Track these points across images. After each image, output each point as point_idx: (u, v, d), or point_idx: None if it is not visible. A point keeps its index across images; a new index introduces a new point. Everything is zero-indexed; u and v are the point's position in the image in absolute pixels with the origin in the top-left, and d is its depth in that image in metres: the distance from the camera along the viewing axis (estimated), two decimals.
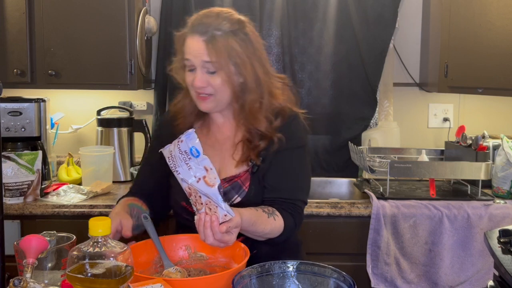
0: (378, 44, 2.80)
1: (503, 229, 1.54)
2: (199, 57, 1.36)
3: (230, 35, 1.36)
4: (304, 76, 2.84)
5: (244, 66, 1.37)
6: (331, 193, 2.78)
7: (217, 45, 1.34)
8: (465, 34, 2.49)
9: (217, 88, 1.38)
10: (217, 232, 1.17)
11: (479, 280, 2.21)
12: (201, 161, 1.18)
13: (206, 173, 1.17)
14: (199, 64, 1.37)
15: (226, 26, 1.36)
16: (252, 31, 1.42)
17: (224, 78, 1.37)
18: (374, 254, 2.22)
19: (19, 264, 1.13)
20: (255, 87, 1.40)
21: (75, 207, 2.21)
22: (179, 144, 1.19)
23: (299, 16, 2.80)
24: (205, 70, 1.37)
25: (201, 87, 1.38)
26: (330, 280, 1.07)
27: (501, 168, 2.36)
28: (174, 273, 1.24)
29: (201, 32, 1.35)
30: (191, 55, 1.37)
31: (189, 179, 1.18)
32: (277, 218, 1.39)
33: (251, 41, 1.40)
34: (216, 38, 1.34)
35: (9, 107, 2.41)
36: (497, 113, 2.91)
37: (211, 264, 1.32)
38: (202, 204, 1.19)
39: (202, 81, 1.37)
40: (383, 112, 2.89)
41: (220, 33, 1.35)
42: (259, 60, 1.42)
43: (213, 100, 1.40)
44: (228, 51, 1.35)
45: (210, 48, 1.34)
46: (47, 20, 2.46)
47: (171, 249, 1.34)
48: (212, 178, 1.17)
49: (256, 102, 1.41)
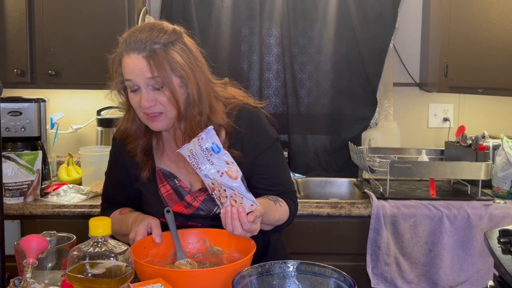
0: (378, 44, 2.80)
1: (503, 229, 1.54)
2: (141, 75, 1.28)
3: (170, 47, 1.30)
4: (304, 76, 2.84)
5: (187, 77, 1.31)
6: (331, 193, 2.79)
7: (158, 59, 1.27)
8: (465, 34, 2.49)
9: (166, 104, 1.31)
10: (246, 222, 1.21)
11: (479, 280, 2.21)
12: (222, 156, 1.22)
13: (228, 167, 1.22)
14: (142, 83, 1.29)
15: (163, 38, 1.29)
16: (189, 40, 1.37)
17: (171, 92, 1.30)
18: (374, 254, 2.22)
19: (19, 264, 1.13)
20: (197, 100, 1.34)
21: (75, 207, 2.21)
22: (199, 142, 1.22)
23: (299, 16, 2.80)
24: (150, 88, 1.30)
25: (150, 107, 1.31)
26: (330, 280, 1.07)
27: (501, 168, 2.36)
28: (185, 265, 1.27)
29: (138, 49, 1.28)
30: (132, 74, 1.29)
31: (212, 175, 1.22)
32: (282, 204, 1.43)
33: (190, 50, 1.34)
34: (156, 52, 1.28)
35: (9, 107, 2.41)
36: (497, 113, 2.91)
37: (226, 258, 1.35)
38: (227, 198, 1.23)
39: (149, 100, 1.30)
40: (383, 112, 2.89)
41: (158, 46, 1.28)
42: (201, 69, 1.36)
43: (164, 118, 1.34)
44: (170, 64, 1.28)
45: (151, 63, 1.27)
46: (47, 20, 2.46)
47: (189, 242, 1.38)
48: (234, 171, 1.22)
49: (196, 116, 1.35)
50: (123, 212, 1.50)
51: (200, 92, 1.34)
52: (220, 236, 1.37)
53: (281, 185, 1.48)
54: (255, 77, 2.83)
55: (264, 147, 1.46)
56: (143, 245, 1.30)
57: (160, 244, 1.32)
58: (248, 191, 1.23)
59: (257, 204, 1.24)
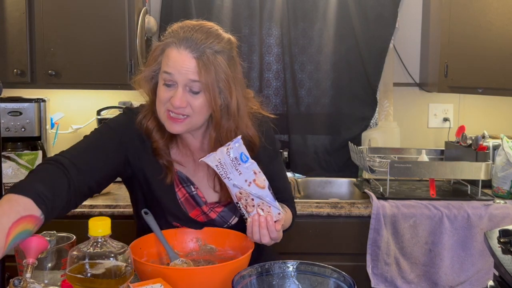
0: (378, 44, 2.80)
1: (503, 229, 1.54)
2: (185, 75, 1.24)
3: (220, 55, 1.26)
4: (304, 76, 2.84)
5: (229, 90, 1.28)
6: (331, 193, 2.78)
7: (207, 64, 1.23)
8: (465, 34, 2.49)
9: (197, 109, 1.27)
10: (273, 230, 1.23)
11: (479, 280, 2.21)
12: (249, 166, 1.22)
13: (255, 176, 1.22)
14: (182, 82, 1.25)
15: (218, 46, 1.26)
16: (237, 53, 1.35)
17: (208, 99, 1.26)
18: (374, 254, 2.22)
19: (19, 264, 1.13)
20: (236, 114, 1.32)
21: None
22: (228, 151, 1.22)
23: (299, 16, 2.80)
24: (187, 89, 1.26)
25: (179, 107, 1.26)
26: (330, 280, 1.07)
27: (501, 168, 2.36)
28: (180, 265, 1.27)
29: (191, 48, 1.24)
30: (175, 69, 1.24)
31: (241, 184, 1.23)
32: (287, 211, 1.45)
33: (236, 64, 1.32)
34: (208, 57, 1.24)
35: (9, 107, 2.41)
36: (497, 113, 2.91)
37: (220, 256, 1.36)
38: (254, 207, 1.25)
39: (183, 101, 1.25)
40: (383, 112, 2.89)
41: (211, 51, 1.25)
42: (241, 84, 1.34)
43: (187, 122, 1.29)
44: (217, 72, 1.25)
45: (200, 66, 1.23)
46: (47, 20, 2.47)
47: (182, 241, 1.38)
48: (261, 180, 1.23)
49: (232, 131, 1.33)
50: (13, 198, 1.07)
51: (239, 105, 1.32)
52: (212, 234, 1.38)
53: (285, 193, 1.52)
54: (255, 77, 2.83)
55: (274, 156, 1.50)
56: (138, 245, 1.30)
57: (156, 244, 1.33)
58: (275, 200, 1.25)
59: (284, 212, 1.27)
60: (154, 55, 1.30)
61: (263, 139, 1.43)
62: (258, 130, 1.42)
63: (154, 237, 1.33)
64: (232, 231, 1.38)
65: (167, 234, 1.35)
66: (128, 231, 1.39)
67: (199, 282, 1.13)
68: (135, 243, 1.29)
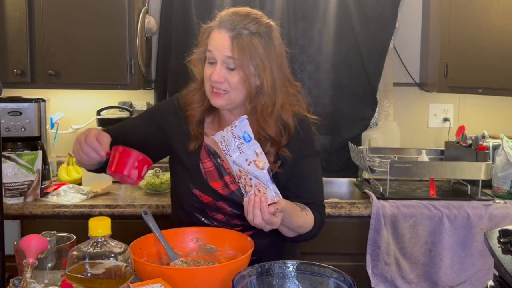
0: (378, 44, 2.80)
1: (503, 229, 1.54)
2: (222, 52, 1.37)
3: (256, 36, 1.38)
4: (304, 76, 2.84)
5: (263, 69, 1.39)
6: (331, 193, 2.78)
7: (242, 43, 1.36)
8: (465, 34, 2.49)
9: (233, 85, 1.39)
10: (266, 212, 1.24)
11: (479, 280, 2.21)
12: (252, 146, 1.25)
13: (257, 157, 1.25)
14: (220, 59, 1.38)
15: (253, 27, 1.38)
16: (277, 36, 1.46)
17: (242, 76, 1.38)
18: (374, 254, 2.22)
19: (19, 264, 1.13)
20: (270, 92, 1.41)
21: (75, 207, 2.21)
22: (232, 129, 1.27)
23: (299, 16, 2.80)
24: (225, 66, 1.38)
25: (218, 82, 1.39)
26: (330, 280, 1.07)
27: (501, 168, 2.36)
28: (180, 265, 1.28)
29: (228, 28, 1.37)
30: (214, 47, 1.38)
31: (240, 162, 1.26)
32: (308, 213, 1.45)
33: (274, 46, 1.43)
34: (242, 36, 1.36)
35: (9, 107, 2.41)
36: (497, 113, 2.91)
37: (220, 256, 1.36)
38: (252, 187, 1.26)
39: (220, 76, 1.38)
40: (383, 112, 2.89)
41: (246, 32, 1.37)
42: (279, 66, 1.44)
43: (227, 97, 1.41)
44: (250, 51, 1.37)
45: (234, 44, 1.36)
46: (47, 20, 2.47)
47: (182, 241, 1.39)
48: (262, 161, 1.25)
49: (268, 107, 1.43)
50: None
51: (274, 84, 1.41)
52: (212, 234, 1.39)
53: (311, 195, 1.51)
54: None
55: (305, 154, 1.51)
56: (138, 245, 1.30)
57: (156, 244, 1.34)
58: (273, 183, 1.26)
59: (280, 196, 1.28)
60: (202, 38, 1.45)
61: (301, 131, 1.49)
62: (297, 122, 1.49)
63: (154, 237, 1.34)
64: (232, 231, 1.38)
65: (167, 234, 1.35)
66: (128, 231, 1.39)
67: (199, 282, 1.13)
68: (135, 243, 1.30)
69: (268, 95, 1.41)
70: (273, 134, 1.44)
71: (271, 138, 1.45)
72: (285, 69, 1.48)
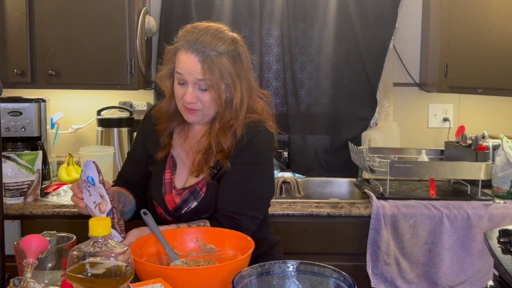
0: (378, 44, 2.80)
1: (503, 229, 1.54)
2: (193, 75, 1.40)
3: (224, 56, 1.40)
4: (304, 76, 2.84)
5: (233, 85, 1.43)
6: (331, 193, 2.79)
7: (212, 65, 1.38)
8: (465, 34, 2.49)
9: (206, 104, 1.43)
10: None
11: (479, 280, 2.21)
12: (97, 189, 1.29)
13: (101, 200, 1.30)
14: (192, 81, 1.41)
15: (222, 48, 1.40)
16: (243, 49, 1.48)
17: (214, 96, 1.42)
18: (374, 254, 2.23)
19: (19, 264, 1.13)
20: (238, 108, 1.45)
21: (75, 207, 2.20)
22: (82, 173, 1.32)
23: (299, 16, 2.80)
24: (196, 87, 1.41)
25: (191, 103, 1.43)
26: (330, 280, 1.07)
27: (501, 168, 2.36)
28: (181, 265, 1.28)
29: (197, 51, 1.39)
30: (185, 71, 1.41)
31: (89, 204, 1.31)
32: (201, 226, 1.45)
33: (241, 61, 1.45)
34: (211, 58, 1.39)
35: (9, 107, 2.41)
36: (497, 113, 2.91)
37: (220, 256, 1.36)
38: None
39: (193, 97, 1.42)
40: (383, 112, 2.89)
41: (214, 53, 1.39)
42: (248, 81, 1.48)
43: (200, 113, 1.46)
44: (221, 71, 1.40)
45: (205, 68, 1.38)
46: (47, 20, 2.47)
47: (182, 241, 1.39)
48: (104, 205, 1.30)
49: (231, 120, 1.46)
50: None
51: (242, 100, 1.46)
52: (212, 234, 1.39)
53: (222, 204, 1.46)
54: (255, 77, 2.82)
55: (240, 162, 1.46)
56: (138, 245, 1.30)
57: (156, 244, 1.34)
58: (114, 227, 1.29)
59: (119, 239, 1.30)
60: (168, 57, 1.48)
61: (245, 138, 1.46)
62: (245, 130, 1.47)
63: (154, 237, 1.34)
64: (232, 231, 1.38)
65: (167, 234, 1.35)
66: (128, 231, 1.39)
67: (199, 282, 1.13)
68: (135, 243, 1.30)
69: (235, 111, 1.46)
70: (226, 147, 1.46)
71: (223, 150, 1.46)
72: (252, 82, 1.51)
